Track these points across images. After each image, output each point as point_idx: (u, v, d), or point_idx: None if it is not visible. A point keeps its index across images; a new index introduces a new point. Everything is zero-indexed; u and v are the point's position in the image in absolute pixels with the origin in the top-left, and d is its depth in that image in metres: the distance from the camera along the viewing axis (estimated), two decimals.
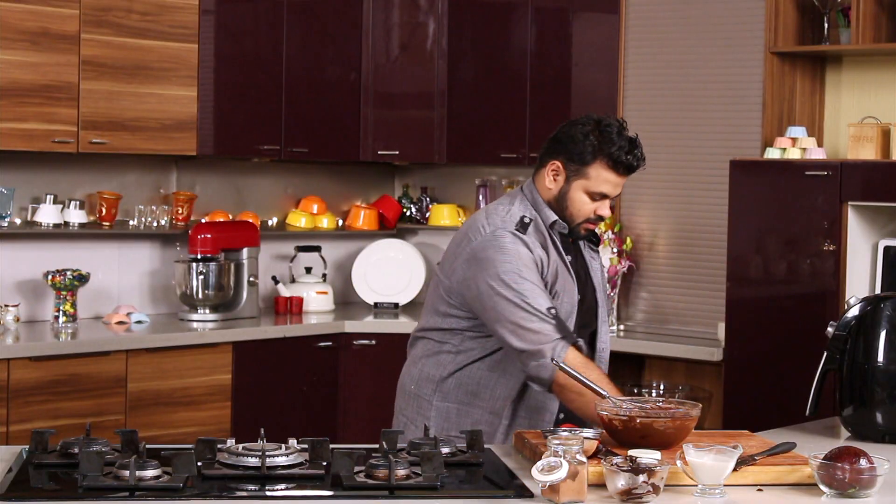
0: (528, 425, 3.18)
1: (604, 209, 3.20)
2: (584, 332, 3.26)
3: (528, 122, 5.96)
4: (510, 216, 3.18)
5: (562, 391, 3.02)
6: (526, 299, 3.05)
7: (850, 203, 4.77)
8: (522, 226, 3.16)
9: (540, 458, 2.51)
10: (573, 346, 3.03)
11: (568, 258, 3.22)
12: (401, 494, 2.50)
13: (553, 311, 3.06)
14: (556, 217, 3.20)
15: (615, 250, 5.57)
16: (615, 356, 3.63)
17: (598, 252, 3.37)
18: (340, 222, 6.49)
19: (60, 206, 5.42)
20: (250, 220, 6.01)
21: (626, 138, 3.15)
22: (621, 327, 5.65)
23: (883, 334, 3.16)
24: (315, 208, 6.34)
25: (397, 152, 6.26)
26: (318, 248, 6.31)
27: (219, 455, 2.67)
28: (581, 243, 3.31)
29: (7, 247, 5.42)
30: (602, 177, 3.16)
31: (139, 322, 5.51)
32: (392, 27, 6.22)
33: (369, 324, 5.91)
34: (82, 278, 5.38)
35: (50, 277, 5.34)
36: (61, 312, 5.37)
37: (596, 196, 3.18)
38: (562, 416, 3.18)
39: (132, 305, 5.71)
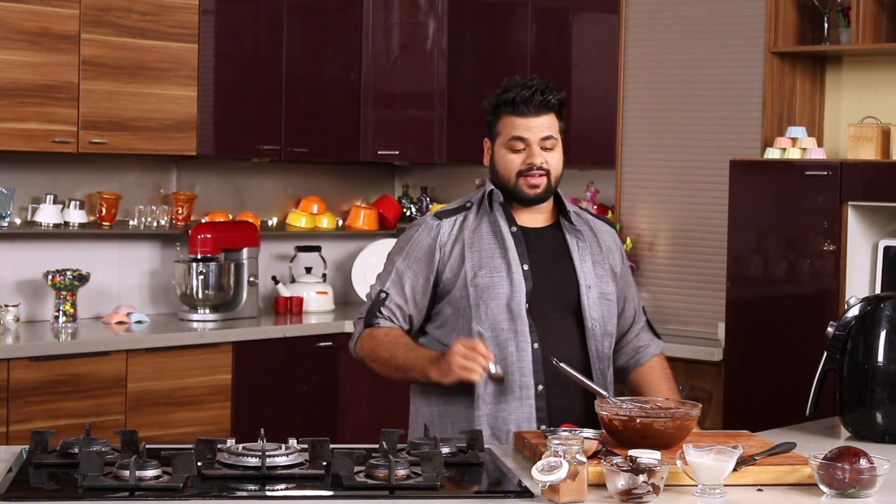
0: (499, 410, 3.14)
1: (533, 156, 3.17)
2: (556, 308, 3.21)
3: None
4: (447, 206, 3.33)
5: (365, 362, 3.27)
6: (376, 279, 3.30)
7: (850, 203, 4.77)
8: (446, 211, 3.28)
9: (540, 458, 2.52)
10: (372, 328, 3.22)
11: (512, 228, 3.22)
12: (401, 494, 2.50)
13: (383, 294, 3.24)
14: (491, 187, 3.25)
15: None
16: None
17: (580, 232, 3.28)
18: (340, 222, 6.49)
19: (60, 206, 5.42)
20: (250, 220, 6.01)
21: (521, 83, 3.20)
22: None
23: (883, 334, 3.16)
24: (315, 208, 6.34)
25: (397, 152, 6.26)
26: (318, 248, 6.31)
27: (219, 455, 2.67)
28: (563, 226, 3.28)
29: (7, 247, 5.42)
30: (508, 124, 3.19)
31: (139, 322, 5.51)
32: (392, 27, 6.22)
33: None
34: (82, 278, 5.38)
35: (50, 277, 5.34)
36: (61, 312, 5.38)
37: (515, 146, 3.19)
38: (540, 387, 3.14)
39: (132, 305, 5.71)
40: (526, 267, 3.20)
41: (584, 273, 3.24)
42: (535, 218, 3.28)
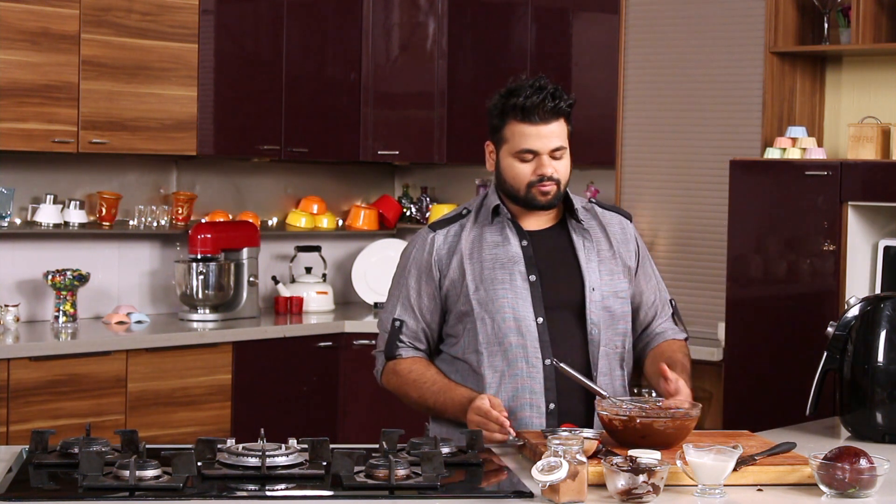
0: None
1: (543, 167, 3.02)
2: (566, 315, 3.09)
3: None
4: (443, 216, 3.21)
5: (394, 391, 3.22)
6: (385, 305, 3.22)
7: (850, 203, 4.77)
8: (440, 222, 3.17)
9: (540, 458, 2.52)
10: (395, 360, 3.16)
11: (523, 242, 3.09)
12: (401, 494, 2.50)
13: (398, 322, 3.15)
14: (498, 201, 3.12)
15: None
16: None
17: (587, 231, 3.14)
18: (340, 222, 6.49)
19: (60, 206, 5.42)
20: (250, 220, 6.01)
21: (529, 85, 3.02)
22: None
23: (883, 334, 3.16)
24: (315, 208, 6.34)
25: (397, 152, 6.26)
26: (318, 248, 6.31)
27: (219, 455, 2.67)
28: (570, 225, 3.15)
29: (7, 247, 5.42)
30: (517, 132, 3.03)
31: (139, 322, 5.51)
32: (392, 27, 6.22)
33: (369, 324, 5.91)
34: (82, 278, 5.38)
35: (50, 277, 5.34)
36: (61, 312, 5.38)
37: (524, 156, 3.03)
38: (552, 406, 3.06)
39: (132, 305, 5.71)
40: (533, 277, 3.09)
41: (590, 274, 3.11)
42: (540, 219, 3.15)
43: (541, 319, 3.07)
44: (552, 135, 3.05)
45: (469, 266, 3.10)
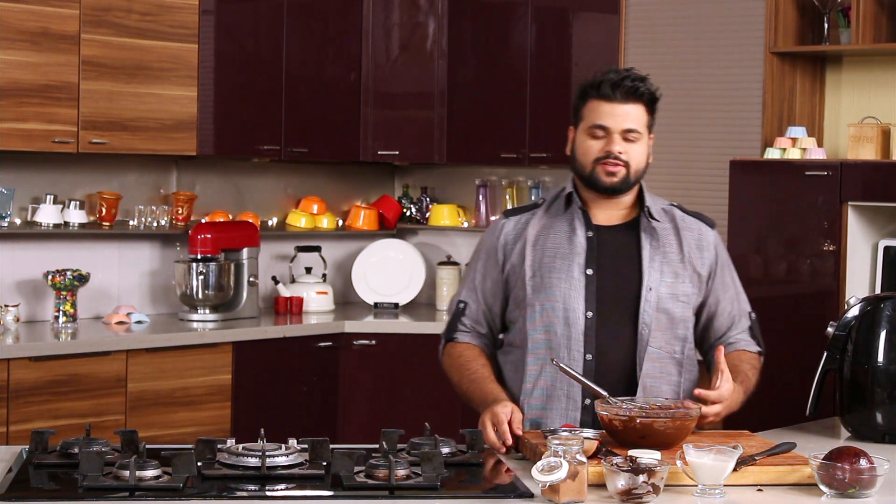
0: (542, 418, 3.08)
1: (611, 144, 3.03)
2: (618, 314, 3.07)
3: (528, 122, 5.96)
4: (525, 203, 3.24)
5: (446, 372, 3.23)
6: (458, 288, 3.27)
7: (850, 203, 4.78)
8: (515, 209, 3.23)
9: (540, 458, 2.52)
10: (452, 342, 3.21)
11: (588, 233, 3.08)
12: (401, 494, 2.50)
13: (462, 304, 3.21)
14: (571, 189, 3.13)
15: None
16: None
17: (655, 231, 3.11)
18: (340, 222, 6.49)
19: (60, 206, 5.42)
20: (250, 220, 6.01)
21: (615, 70, 3.11)
22: None
23: (883, 334, 3.16)
24: (315, 208, 6.34)
25: (397, 152, 6.26)
26: (318, 248, 6.31)
27: (219, 455, 2.68)
28: (641, 225, 3.10)
29: (7, 247, 5.41)
30: (593, 109, 3.07)
31: (139, 322, 5.51)
32: (392, 27, 6.22)
33: (369, 324, 5.91)
34: (82, 278, 5.38)
35: (50, 277, 5.34)
36: (61, 312, 5.37)
37: (596, 132, 3.05)
38: (588, 401, 3.03)
39: (132, 305, 5.71)
40: (590, 271, 3.07)
41: (650, 273, 3.07)
42: (613, 215, 3.13)
43: (590, 314, 3.06)
44: (627, 115, 3.06)
45: (530, 252, 3.11)
